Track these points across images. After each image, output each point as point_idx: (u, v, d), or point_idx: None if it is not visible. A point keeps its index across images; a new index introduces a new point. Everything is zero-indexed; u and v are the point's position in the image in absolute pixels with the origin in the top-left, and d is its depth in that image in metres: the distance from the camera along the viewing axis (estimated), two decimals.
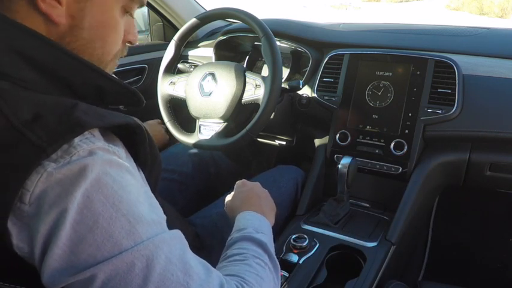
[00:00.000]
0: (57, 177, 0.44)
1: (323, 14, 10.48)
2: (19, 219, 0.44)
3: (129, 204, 0.47)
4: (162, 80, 1.25)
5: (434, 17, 9.60)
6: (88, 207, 0.44)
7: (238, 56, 1.52)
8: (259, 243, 0.67)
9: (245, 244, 0.67)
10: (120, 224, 0.45)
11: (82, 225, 0.44)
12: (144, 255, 0.46)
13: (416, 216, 1.10)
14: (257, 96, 1.09)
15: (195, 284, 0.48)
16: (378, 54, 1.17)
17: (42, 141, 0.43)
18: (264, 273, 0.61)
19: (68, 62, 0.51)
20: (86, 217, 0.44)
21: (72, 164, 0.44)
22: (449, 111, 1.05)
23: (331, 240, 1.00)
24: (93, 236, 0.44)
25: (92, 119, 0.47)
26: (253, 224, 0.74)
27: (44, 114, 0.45)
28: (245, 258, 0.63)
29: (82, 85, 0.53)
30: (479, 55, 1.18)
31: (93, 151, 0.46)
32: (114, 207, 0.45)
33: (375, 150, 1.12)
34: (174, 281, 0.46)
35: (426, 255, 1.48)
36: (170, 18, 1.60)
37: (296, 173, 1.19)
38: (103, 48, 0.56)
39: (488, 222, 1.50)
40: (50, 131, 0.44)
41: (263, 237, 0.69)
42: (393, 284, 0.89)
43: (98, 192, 0.45)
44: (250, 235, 0.69)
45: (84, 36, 0.54)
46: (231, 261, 0.63)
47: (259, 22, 1.11)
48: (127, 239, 0.45)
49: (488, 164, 1.09)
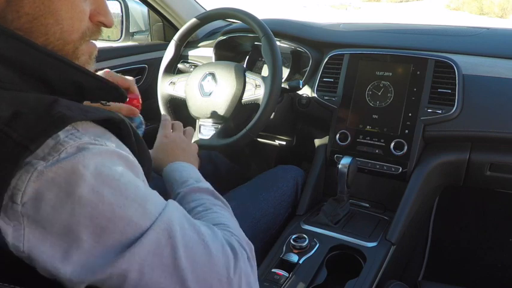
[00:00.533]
0: (50, 176, 0.43)
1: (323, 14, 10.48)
2: (12, 219, 0.43)
3: (133, 188, 0.48)
4: (162, 80, 1.25)
5: (434, 17, 9.61)
6: (102, 201, 0.45)
7: (238, 56, 1.52)
8: (208, 191, 0.71)
9: (198, 195, 0.69)
10: (133, 208, 0.47)
11: (101, 218, 0.45)
12: (163, 229, 0.49)
13: (416, 216, 1.10)
14: (257, 96, 1.09)
15: (208, 239, 0.53)
16: (378, 54, 1.17)
17: (23, 138, 0.42)
18: (229, 215, 0.67)
19: (34, 55, 0.49)
20: (102, 210, 0.45)
21: (63, 162, 0.44)
22: (449, 111, 1.05)
23: (331, 240, 1.00)
24: (114, 225, 0.46)
25: (74, 114, 0.46)
26: (189, 174, 0.76)
27: (23, 112, 0.43)
28: (208, 207, 0.66)
29: (58, 81, 0.51)
30: (479, 55, 1.18)
31: (81, 147, 0.46)
32: (123, 194, 0.47)
33: (374, 150, 1.12)
34: (193, 242, 0.51)
35: (426, 255, 1.48)
36: (170, 18, 1.60)
37: (296, 173, 1.19)
38: (58, 24, 0.51)
39: (488, 222, 1.50)
40: (31, 127, 0.43)
41: (206, 184, 0.73)
42: (393, 284, 0.89)
43: (104, 184, 0.46)
44: (196, 186, 0.71)
45: (26, 10, 0.49)
46: (197, 213, 0.65)
47: (259, 22, 1.11)
48: (144, 219, 0.48)
49: (488, 164, 1.09)
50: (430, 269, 1.45)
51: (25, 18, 0.49)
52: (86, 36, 0.56)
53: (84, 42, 0.56)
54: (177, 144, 0.87)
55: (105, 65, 1.38)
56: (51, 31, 0.51)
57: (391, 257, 0.98)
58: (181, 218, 0.53)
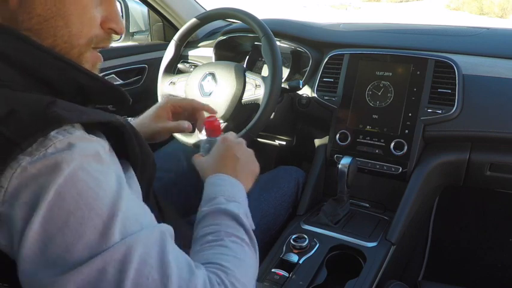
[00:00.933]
0: (32, 172, 0.42)
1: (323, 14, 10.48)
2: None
3: (105, 202, 0.44)
4: (162, 80, 1.25)
5: (434, 17, 9.60)
6: (59, 205, 0.42)
7: (238, 56, 1.52)
8: (232, 216, 0.60)
9: (217, 219, 0.60)
10: (92, 223, 0.43)
11: (51, 224, 0.41)
12: (116, 259, 0.42)
13: (416, 216, 1.10)
14: (257, 96, 1.09)
15: (173, 286, 0.44)
16: (378, 54, 1.17)
17: (15, 136, 0.42)
18: (243, 253, 0.56)
19: (38, 56, 0.49)
20: (56, 215, 0.42)
21: (48, 158, 0.42)
22: (449, 111, 1.05)
23: (331, 240, 1.00)
24: (62, 236, 0.42)
25: (70, 115, 0.45)
26: (224, 190, 0.65)
27: (19, 110, 0.43)
28: (219, 237, 0.57)
29: (61, 83, 0.51)
30: (479, 55, 1.18)
31: (72, 143, 0.44)
32: (87, 205, 0.43)
33: (374, 150, 1.12)
34: (149, 285, 0.43)
35: (426, 255, 1.48)
36: (170, 18, 1.60)
37: (297, 174, 1.19)
38: (67, 27, 0.51)
39: (488, 222, 1.50)
40: (24, 125, 0.43)
41: (235, 207, 0.62)
42: (393, 284, 0.89)
43: (72, 188, 0.42)
44: (221, 207, 0.61)
45: (38, 12, 0.49)
46: (204, 243, 0.57)
47: (259, 22, 1.11)
48: (99, 240, 0.42)
49: (488, 164, 1.09)
50: (430, 269, 1.45)
51: (36, 20, 0.50)
52: (93, 42, 0.55)
53: (89, 49, 0.56)
54: (232, 150, 0.74)
55: (105, 65, 1.38)
56: (59, 33, 0.51)
57: (391, 257, 0.98)
58: (151, 252, 0.45)
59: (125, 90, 0.58)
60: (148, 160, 0.61)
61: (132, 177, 0.56)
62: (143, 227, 0.47)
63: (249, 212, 0.66)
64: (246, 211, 0.64)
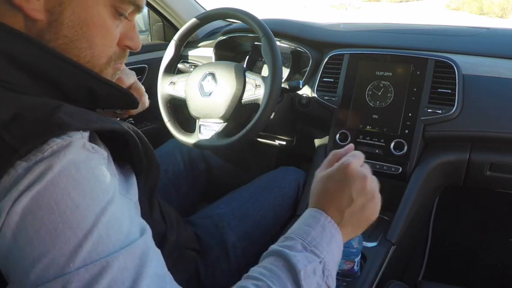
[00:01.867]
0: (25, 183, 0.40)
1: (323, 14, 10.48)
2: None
3: (84, 215, 0.41)
4: (162, 80, 1.25)
5: (434, 17, 9.61)
6: (33, 213, 0.39)
7: (238, 56, 1.52)
8: (290, 269, 0.47)
9: (275, 264, 0.49)
10: (64, 238, 0.39)
11: (22, 234, 0.39)
12: (82, 281, 0.39)
13: (416, 216, 1.10)
14: (257, 96, 1.09)
15: None
16: (378, 54, 1.17)
17: (15, 142, 0.41)
18: None
19: (54, 62, 0.49)
20: (28, 224, 0.39)
21: (41, 163, 0.41)
22: (449, 111, 1.05)
23: None
24: (30, 249, 0.39)
25: (74, 121, 0.45)
26: (309, 232, 0.52)
27: (23, 115, 0.43)
28: (261, 278, 0.47)
29: (73, 87, 0.51)
30: (479, 55, 1.18)
31: (69, 144, 0.43)
32: (62, 216, 0.40)
33: (374, 150, 1.12)
34: None
35: (426, 255, 1.48)
36: (170, 18, 1.60)
37: (298, 175, 1.19)
38: (91, 49, 0.53)
39: (488, 222, 1.50)
40: (26, 131, 0.42)
41: (305, 260, 0.49)
42: (393, 284, 0.89)
43: (50, 196, 0.40)
44: (287, 253, 0.49)
45: (65, 33, 0.51)
46: (246, 279, 0.49)
47: (259, 22, 1.11)
48: (68, 257, 0.39)
49: (488, 164, 1.09)
50: (430, 269, 1.45)
51: (62, 40, 0.51)
52: (112, 60, 0.57)
53: (109, 66, 0.57)
54: (350, 187, 0.56)
55: None
56: (82, 54, 0.52)
57: (391, 257, 0.98)
58: (124, 277, 0.40)
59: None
60: (153, 165, 0.61)
61: (133, 183, 0.56)
62: (122, 246, 0.42)
63: (333, 275, 0.51)
64: (324, 270, 0.50)
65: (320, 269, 0.49)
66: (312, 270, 0.49)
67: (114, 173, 0.49)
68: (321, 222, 0.54)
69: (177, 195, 1.15)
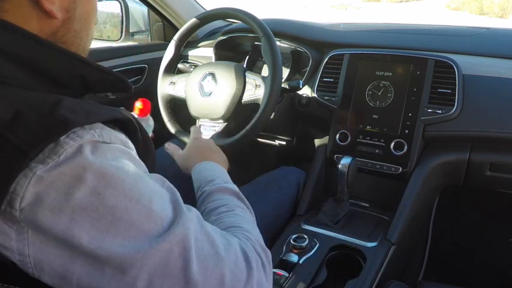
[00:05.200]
0: (49, 180, 0.42)
1: (323, 14, 10.48)
2: (14, 223, 0.42)
3: (138, 189, 0.46)
4: (162, 80, 1.25)
5: (434, 17, 9.60)
6: (102, 204, 0.44)
7: (238, 56, 1.52)
8: (233, 192, 0.70)
9: (223, 195, 0.69)
10: (137, 210, 0.45)
11: (102, 222, 0.43)
12: (179, 241, 0.46)
13: (416, 216, 1.10)
14: (257, 96, 1.09)
15: (222, 251, 0.50)
16: (378, 54, 1.17)
17: (23, 144, 0.41)
18: (251, 218, 0.66)
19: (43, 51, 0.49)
20: (103, 213, 0.44)
21: (62, 166, 0.42)
22: (449, 111, 1.05)
23: (331, 240, 1.00)
24: (115, 228, 0.44)
25: (76, 117, 0.45)
26: (218, 174, 0.76)
27: (25, 113, 0.43)
28: (230, 208, 0.65)
29: (62, 73, 0.51)
30: (479, 55, 1.18)
31: (82, 147, 0.44)
32: (126, 196, 0.45)
33: (374, 150, 1.12)
34: (207, 254, 0.48)
35: (426, 255, 1.48)
36: (170, 18, 1.60)
37: (298, 174, 1.19)
38: (87, 36, 0.57)
39: (488, 222, 1.50)
40: (31, 132, 0.42)
41: (232, 186, 0.72)
42: (393, 284, 0.89)
43: (107, 186, 0.44)
44: (223, 186, 0.71)
45: (75, 28, 0.54)
46: (219, 213, 0.64)
47: (259, 22, 1.11)
48: (147, 222, 0.46)
49: (488, 164, 1.09)
50: (430, 269, 1.45)
51: (72, 34, 0.54)
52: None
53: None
54: (209, 146, 0.90)
55: (105, 65, 1.38)
56: (82, 42, 0.57)
57: (391, 257, 0.98)
58: (197, 228, 0.50)
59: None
60: (150, 155, 0.62)
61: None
62: (182, 211, 0.50)
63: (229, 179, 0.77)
64: (229, 180, 0.76)
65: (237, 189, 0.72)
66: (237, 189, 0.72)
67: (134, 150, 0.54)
68: (216, 167, 0.80)
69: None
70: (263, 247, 0.58)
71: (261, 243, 0.59)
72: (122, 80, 0.57)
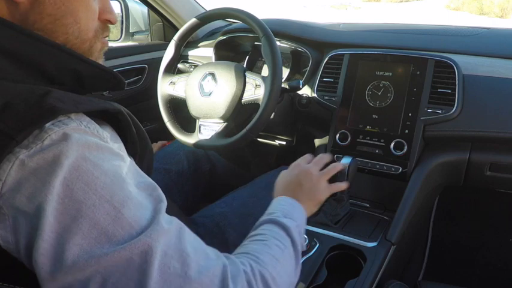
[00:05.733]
0: (31, 166, 0.42)
1: (323, 14, 10.49)
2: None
3: (112, 189, 0.44)
4: (162, 80, 1.25)
5: (434, 17, 9.61)
6: (69, 196, 0.42)
7: (238, 56, 1.52)
8: (283, 227, 0.64)
9: (269, 226, 0.64)
10: (104, 210, 0.43)
11: (65, 215, 0.42)
12: (142, 251, 0.43)
13: (416, 216, 1.10)
14: (257, 96, 1.09)
15: (193, 273, 0.45)
16: (378, 54, 1.17)
17: (10, 129, 0.42)
18: (281, 256, 0.58)
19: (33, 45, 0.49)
20: (68, 206, 0.42)
21: (45, 151, 0.43)
22: (449, 111, 1.05)
23: (331, 240, 1.00)
24: (77, 225, 0.42)
25: (65, 105, 0.45)
26: (283, 208, 0.70)
27: (13, 103, 0.43)
28: (265, 238, 0.61)
29: (56, 70, 0.51)
30: (479, 55, 1.18)
31: (67, 134, 0.44)
32: (96, 193, 0.43)
33: (375, 150, 1.12)
34: (172, 273, 0.44)
35: (426, 255, 1.48)
36: (170, 18, 1.60)
37: None
38: (77, 23, 0.54)
39: (488, 222, 1.50)
40: (19, 118, 0.43)
41: (289, 222, 0.66)
42: (393, 284, 0.89)
43: (78, 179, 0.43)
44: (276, 218, 0.66)
45: (48, 12, 0.51)
46: (251, 240, 0.61)
47: (259, 22, 1.11)
48: (113, 225, 0.43)
49: (488, 164, 1.09)
50: (430, 269, 1.45)
51: (47, 20, 0.51)
52: (99, 34, 0.58)
53: (98, 40, 0.58)
54: (298, 177, 0.81)
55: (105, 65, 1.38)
56: (70, 30, 0.53)
57: (391, 257, 0.98)
58: (171, 243, 0.46)
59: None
60: (147, 149, 0.62)
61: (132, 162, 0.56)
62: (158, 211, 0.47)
63: (303, 233, 0.70)
64: (300, 230, 0.68)
65: (299, 230, 0.66)
66: (297, 230, 0.66)
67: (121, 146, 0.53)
68: (288, 202, 0.73)
69: (180, 194, 1.16)
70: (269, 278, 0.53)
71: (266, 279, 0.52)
72: (114, 75, 0.58)
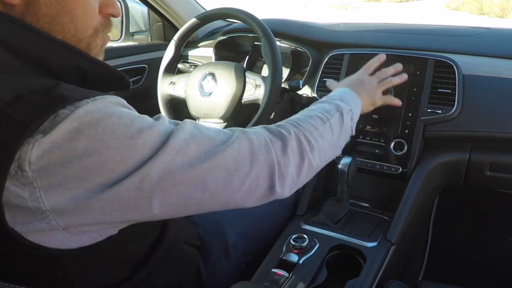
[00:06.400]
0: (50, 141, 0.44)
1: (323, 14, 10.49)
2: (26, 184, 0.44)
3: (135, 126, 0.49)
4: (162, 80, 1.25)
5: (434, 17, 9.60)
6: (107, 147, 0.46)
7: (238, 56, 1.52)
8: (335, 105, 0.75)
9: (321, 104, 0.76)
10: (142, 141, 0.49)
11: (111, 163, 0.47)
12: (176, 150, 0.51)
13: (416, 216, 1.10)
14: (257, 96, 1.09)
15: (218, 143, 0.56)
16: None
17: (24, 118, 0.43)
18: (321, 126, 0.68)
19: (39, 42, 0.50)
20: (109, 156, 0.46)
21: (61, 126, 0.45)
22: (449, 111, 1.05)
23: (331, 240, 1.00)
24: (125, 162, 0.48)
25: (74, 94, 0.47)
26: (341, 95, 0.81)
27: (25, 95, 0.45)
28: (312, 112, 0.71)
29: (61, 67, 0.52)
30: (479, 55, 1.17)
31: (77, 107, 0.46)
32: (127, 136, 0.48)
33: (375, 150, 1.12)
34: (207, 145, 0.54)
35: (426, 255, 1.48)
36: (170, 18, 1.60)
37: None
38: (73, 22, 0.54)
39: (488, 222, 1.50)
40: (31, 107, 0.44)
41: (342, 104, 0.77)
42: (393, 284, 0.89)
43: (105, 131, 0.46)
44: (330, 99, 0.78)
45: (44, 12, 0.52)
46: (307, 116, 0.71)
47: (259, 22, 1.11)
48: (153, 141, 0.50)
49: (488, 164, 1.09)
50: (430, 269, 1.45)
51: (43, 20, 0.52)
52: (99, 31, 0.58)
53: (97, 37, 0.58)
54: (366, 84, 0.95)
55: None
56: (66, 29, 0.54)
57: (391, 257, 0.98)
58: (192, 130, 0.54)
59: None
60: None
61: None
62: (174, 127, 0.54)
63: (355, 121, 0.83)
64: (353, 116, 0.81)
65: (350, 114, 0.78)
66: (347, 111, 0.78)
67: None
68: (349, 93, 0.86)
69: None
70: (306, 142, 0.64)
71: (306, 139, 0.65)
72: (121, 76, 0.58)
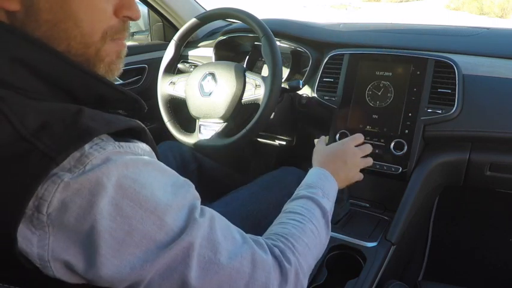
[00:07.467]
0: (75, 187, 0.44)
1: (323, 14, 10.49)
2: (38, 228, 0.44)
3: (153, 200, 0.48)
4: (162, 80, 1.25)
5: (434, 17, 9.61)
6: (120, 214, 0.46)
7: (238, 56, 1.52)
8: (321, 208, 0.71)
9: (309, 204, 0.71)
10: (151, 221, 0.47)
11: (119, 232, 0.46)
12: (184, 247, 0.49)
13: (416, 216, 1.10)
14: (257, 96, 1.09)
15: (224, 259, 0.52)
16: (378, 54, 1.17)
17: (50, 150, 0.43)
18: (313, 243, 0.66)
19: (60, 66, 0.49)
20: (120, 223, 0.46)
21: (88, 174, 0.44)
22: (449, 111, 1.05)
23: (331, 240, 0.99)
24: (131, 238, 0.46)
25: (98, 125, 0.47)
26: (324, 185, 0.77)
27: (50, 122, 0.44)
28: (303, 221, 0.67)
29: (82, 92, 0.51)
30: (479, 55, 1.17)
31: (107, 157, 0.46)
32: (141, 207, 0.47)
33: (375, 150, 1.12)
34: (207, 262, 0.51)
35: (426, 255, 1.48)
36: (170, 18, 1.60)
37: (298, 174, 1.19)
38: (78, 27, 0.50)
39: (488, 222, 1.50)
40: (57, 139, 0.44)
41: (327, 204, 0.73)
42: (393, 284, 0.89)
43: (124, 197, 0.46)
44: (317, 199, 0.72)
45: (45, 18, 0.48)
46: (290, 219, 0.67)
47: (259, 22, 1.11)
48: (159, 232, 0.48)
49: (488, 164, 1.09)
50: (430, 269, 1.45)
51: (45, 26, 0.49)
52: (108, 35, 0.53)
53: (106, 42, 0.54)
54: (345, 155, 0.89)
55: None
56: (71, 35, 0.50)
57: (391, 257, 0.98)
58: (205, 235, 0.52)
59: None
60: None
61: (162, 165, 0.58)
62: (192, 210, 0.52)
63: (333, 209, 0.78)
64: (332, 208, 0.76)
65: (331, 209, 0.75)
66: (331, 211, 0.74)
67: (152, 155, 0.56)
68: (329, 178, 0.80)
69: None
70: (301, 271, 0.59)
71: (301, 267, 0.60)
72: (137, 100, 0.57)
